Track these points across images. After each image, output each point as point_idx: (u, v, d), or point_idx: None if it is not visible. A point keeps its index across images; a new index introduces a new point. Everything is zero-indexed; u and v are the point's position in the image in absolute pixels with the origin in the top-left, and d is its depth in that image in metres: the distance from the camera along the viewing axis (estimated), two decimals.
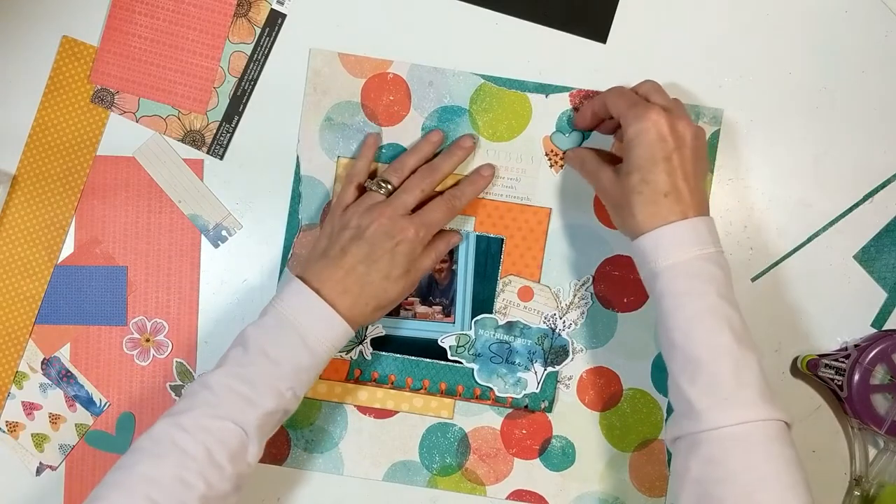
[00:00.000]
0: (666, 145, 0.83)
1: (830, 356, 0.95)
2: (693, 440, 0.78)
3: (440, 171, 0.93)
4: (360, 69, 0.97)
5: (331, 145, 0.98)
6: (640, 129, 0.83)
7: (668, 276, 0.81)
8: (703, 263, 0.81)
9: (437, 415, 0.99)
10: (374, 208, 0.89)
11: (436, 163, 0.94)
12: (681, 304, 0.80)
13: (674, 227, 0.81)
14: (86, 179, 0.97)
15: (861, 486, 0.97)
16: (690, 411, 0.78)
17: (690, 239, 0.81)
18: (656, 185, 0.82)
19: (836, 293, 0.98)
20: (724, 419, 0.76)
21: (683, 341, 0.80)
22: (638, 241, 0.83)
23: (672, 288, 0.81)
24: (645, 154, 0.83)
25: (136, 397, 0.99)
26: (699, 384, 0.78)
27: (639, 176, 0.83)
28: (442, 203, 0.92)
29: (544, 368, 0.98)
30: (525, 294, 0.98)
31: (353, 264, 0.87)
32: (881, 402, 0.94)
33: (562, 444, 0.99)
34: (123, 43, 0.97)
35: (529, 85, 0.97)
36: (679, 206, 0.82)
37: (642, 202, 0.82)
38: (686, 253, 0.81)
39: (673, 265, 0.81)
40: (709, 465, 0.76)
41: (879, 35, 0.98)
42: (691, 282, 0.80)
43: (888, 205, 0.98)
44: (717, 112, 0.97)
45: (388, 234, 0.87)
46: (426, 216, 0.90)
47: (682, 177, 0.82)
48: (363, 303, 0.87)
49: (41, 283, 0.98)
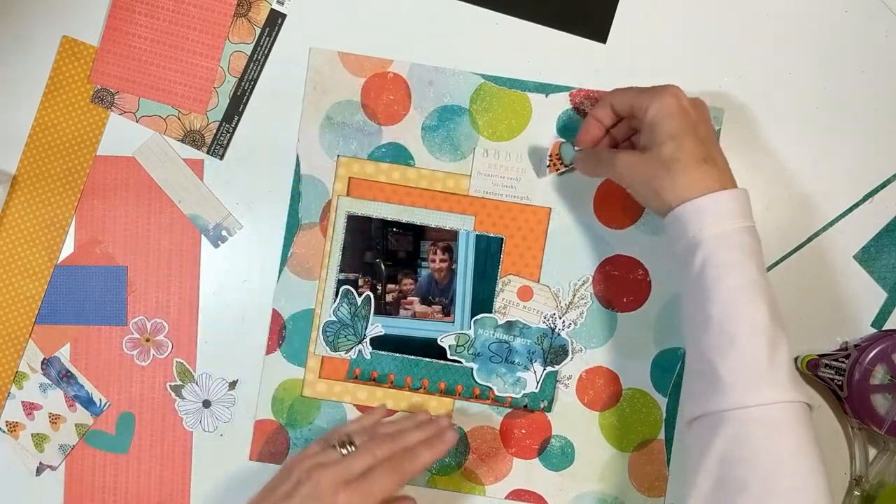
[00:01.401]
0: (690, 117, 0.82)
1: (830, 356, 0.95)
2: (718, 418, 0.76)
3: (405, 443, 0.87)
4: (360, 68, 0.97)
5: (331, 144, 0.98)
6: (662, 104, 0.83)
7: (712, 245, 0.79)
8: (745, 236, 0.79)
9: (437, 414, 0.99)
10: (319, 468, 0.83)
11: (405, 435, 0.89)
12: (723, 276, 0.78)
13: (717, 196, 0.79)
14: (86, 179, 0.97)
15: (861, 486, 0.97)
16: (719, 387, 0.76)
17: (735, 209, 0.79)
18: (694, 151, 0.81)
19: (836, 293, 0.98)
20: (755, 398, 0.75)
21: (721, 314, 0.77)
22: (680, 210, 0.81)
23: (716, 258, 0.78)
24: (674, 124, 0.82)
25: (136, 397, 0.99)
26: (732, 360, 0.76)
27: (674, 144, 0.81)
28: (390, 469, 0.84)
29: (544, 368, 0.98)
30: (524, 294, 0.98)
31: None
32: (881, 402, 0.93)
33: (561, 443, 0.99)
34: (123, 43, 0.97)
35: (529, 84, 0.97)
36: (717, 174, 0.80)
37: (681, 169, 0.80)
38: (731, 223, 0.79)
39: (718, 234, 0.79)
40: (733, 443, 0.75)
41: (879, 35, 0.98)
42: (736, 253, 0.78)
43: (888, 205, 0.98)
44: (717, 112, 0.97)
45: (318, 499, 0.81)
46: (369, 484, 0.82)
47: (713, 145, 0.82)
48: None
49: (41, 283, 0.98)
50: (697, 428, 0.79)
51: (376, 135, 0.98)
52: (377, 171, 0.98)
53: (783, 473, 0.74)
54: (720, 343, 0.77)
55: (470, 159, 0.97)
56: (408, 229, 0.98)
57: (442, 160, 0.97)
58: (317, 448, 0.87)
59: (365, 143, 0.98)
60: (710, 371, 0.78)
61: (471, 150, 0.97)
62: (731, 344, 0.77)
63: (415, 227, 0.98)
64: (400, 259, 0.98)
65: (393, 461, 0.84)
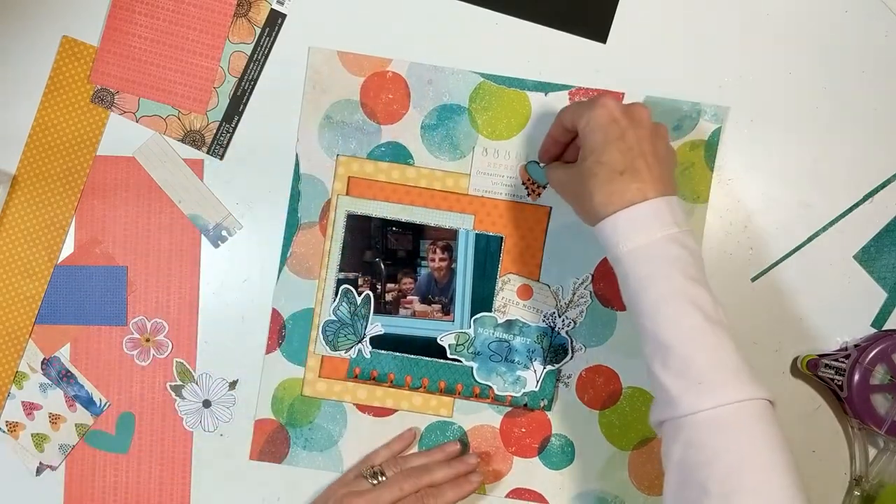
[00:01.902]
0: (618, 125, 0.80)
1: (830, 356, 0.95)
2: (674, 424, 0.76)
3: (431, 479, 0.92)
4: (360, 67, 0.97)
5: (330, 144, 0.98)
6: (591, 116, 0.81)
7: (630, 261, 0.78)
8: (665, 245, 0.77)
9: (437, 413, 0.99)
10: (352, 496, 0.90)
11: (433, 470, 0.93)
12: (644, 288, 0.77)
13: (631, 210, 0.78)
14: (86, 179, 0.97)
15: (861, 486, 0.97)
16: (667, 397, 0.76)
17: (650, 221, 0.78)
18: (611, 164, 0.79)
19: (836, 293, 0.98)
20: (699, 403, 0.74)
21: (652, 326, 0.77)
22: (598, 228, 0.80)
23: (635, 273, 0.78)
24: (598, 137, 0.80)
25: (136, 397, 0.99)
26: (672, 369, 0.76)
27: (593, 158, 0.80)
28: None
29: (543, 367, 0.98)
30: (524, 292, 0.98)
31: None
32: (881, 402, 0.93)
33: (561, 442, 0.99)
34: (123, 43, 0.97)
35: (529, 83, 0.97)
36: (636, 184, 0.78)
37: (598, 183, 0.79)
38: (647, 236, 0.78)
39: (634, 249, 0.78)
40: (690, 448, 0.74)
41: (879, 35, 0.98)
42: (653, 265, 0.77)
43: (888, 205, 0.98)
44: (719, 110, 0.97)
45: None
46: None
47: (639, 154, 0.80)
48: None
49: (41, 283, 0.98)
50: (662, 432, 0.79)
51: (376, 134, 0.98)
52: (376, 171, 0.98)
53: (741, 472, 0.72)
54: (657, 353, 0.77)
55: (469, 158, 0.97)
56: (407, 228, 0.98)
57: (441, 159, 0.98)
58: (351, 477, 0.95)
59: (364, 143, 0.98)
60: (656, 381, 0.78)
61: (470, 148, 0.97)
62: (667, 354, 0.76)
63: (414, 226, 0.98)
64: (399, 258, 0.98)
65: (419, 496, 0.90)
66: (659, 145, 0.82)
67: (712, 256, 0.97)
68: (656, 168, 0.80)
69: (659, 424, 0.80)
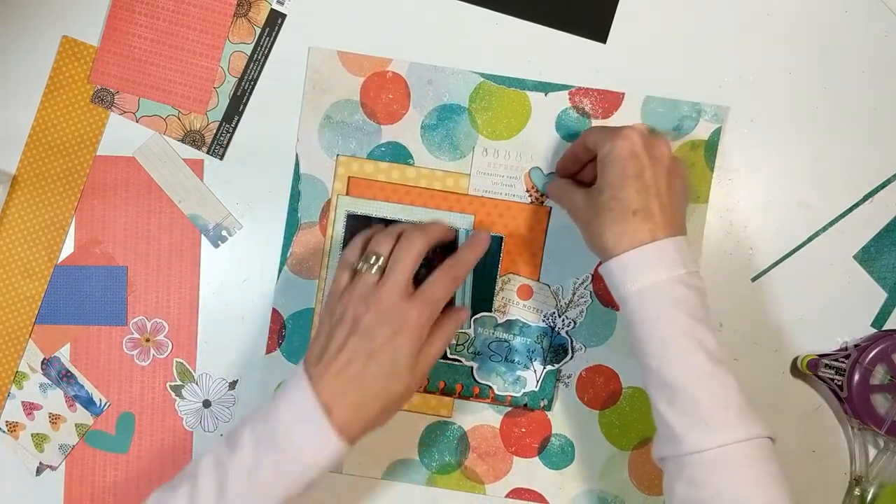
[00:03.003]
0: (638, 162, 0.81)
1: (830, 356, 0.95)
2: (677, 462, 0.78)
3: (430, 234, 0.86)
4: (360, 67, 0.97)
5: (330, 144, 0.98)
6: (612, 146, 0.82)
7: (636, 302, 0.80)
8: (671, 287, 0.79)
9: (437, 413, 0.99)
10: (370, 294, 0.81)
11: (424, 225, 0.87)
12: (650, 330, 0.79)
13: (640, 251, 0.79)
14: (86, 179, 0.97)
15: (861, 486, 0.97)
16: (672, 435, 0.78)
17: (657, 263, 0.79)
18: (626, 202, 0.80)
19: (836, 293, 0.98)
20: (704, 443, 0.76)
21: (658, 366, 0.79)
22: (605, 266, 0.82)
23: (641, 314, 0.80)
24: (616, 171, 0.81)
25: (136, 397, 0.99)
26: (677, 408, 0.77)
27: (609, 193, 0.81)
28: (444, 275, 0.83)
29: (543, 367, 0.98)
30: (524, 292, 0.98)
31: (350, 365, 0.79)
32: (881, 402, 0.93)
33: (561, 442, 0.99)
34: (123, 43, 0.97)
35: (529, 83, 0.97)
36: (647, 225, 0.80)
37: (610, 220, 0.81)
38: (653, 277, 0.79)
39: (640, 290, 0.79)
40: (692, 486, 0.76)
41: (879, 35, 0.98)
42: (659, 307, 0.79)
43: (888, 205, 0.98)
44: (719, 109, 0.97)
45: (386, 323, 0.79)
46: (429, 293, 0.82)
47: (655, 194, 0.81)
48: (366, 409, 0.79)
49: (41, 283, 0.98)
50: (664, 467, 0.81)
51: (375, 134, 0.98)
52: (376, 171, 0.98)
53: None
54: (663, 392, 0.79)
55: (469, 158, 0.97)
56: None
57: (441, 159, 0.97)
58: (345, 280, 0.84)
59: (364, 143, 0.98)
60: (660, 420, 0.79)
61: (470, 148, 0.97)
62: (673, 393, 0.78)
63: None
64: None
65: (445, 267, 0.84)
66: (675, 182, 0.83)
67: (712, 256, 0.97)
68: (669, 209, 0.81)
69: (661, 460, 0.81)
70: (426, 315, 0.81)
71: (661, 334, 0.79)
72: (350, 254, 0.86)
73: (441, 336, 0.83)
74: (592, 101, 0.97)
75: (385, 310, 0.79)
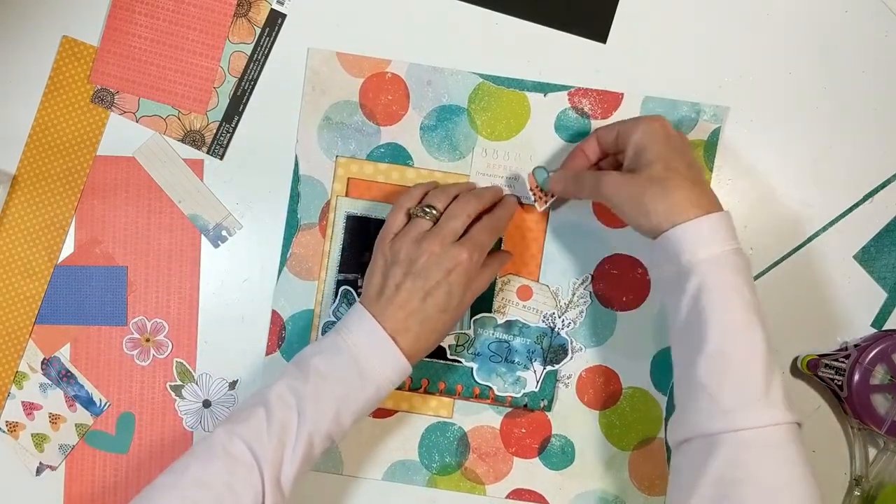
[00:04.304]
0: (676, 141, 0.83)
1: (830, 356, 0.95)
2: (712, 441, 0.76)
3: (483, 198, 0.91)
4: (359, 68, 0.97)
5: (329, 145, 0.98)
6: (648, 128, 0.83)
7: (708, 268, 0.78)
8: (737, 258, 0.79)
9: (437, 414, 0.99)
10: (424, 238, 0.87)
11: (478, 191, 0.92)
12: (719, 300, 0.77)
13: (709, 218, 0.78)
14: (86, 179, 0.97)
15: (861, 486, 0.97)
16: (715, 411, 0.76)
17: (728, 232, 0.79)
18: (682, 172, 0.80)
19: (836, 293, 0.98)
20: (752, 421, 0.75)
21: (719, 339, 0.77)
22: (671, 233, 0.79)
23: (713, 280, 0.77)
24: (662, 147, 0.82)
25: (136, 397, 0.99)
26: (729, 383, 0.76)
27: (662, 164, 0.81)
28: (488, 225, 0.89)
29: (543, 367, 0.98)
30: (524, 293, 0.98)
31: (410, 301, 0.85)
32: (881, 402, 0.93)
33: (561, 442, 0.99)
34: (123, 43, 0.97)
35: (528, 84, 0.97)
36: (706, 198, 0.80)
37: (673, 187, 0.79)
38: (724, 245, 0.78)
39: (711, 258, 0.78)
40: (730, 465, 0.75)
41: (879, 35, 0.98)
42: (731, 276, 0.78)
43: (888, 205, 0.98)
44: (718, 109, 0.97)
45: (440, 264, 0.85)
46: (477, 239, 0.88)
47: (699, 170, 0.83)
48: (424, 338, 0.86)
49: (41, 283, 0.98)
50: (688, 450, 0.79)
51: (375, 135, 0.98)
52: (376, 172, 0.98)
53: (781, 491, 0.74)
54: (717, 367, 0.77)
55: (469, 159, 0.97)
56: None
57: (441, 160, 0.98)
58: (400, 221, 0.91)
59: (363, 144, 0.98)
60: (704, 395, 0.77)
61: (469, 149, 0.97)
62: (730, 369, 0.76)
63: None
64: None
65: (488, 219, 0.90)
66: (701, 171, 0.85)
67: None
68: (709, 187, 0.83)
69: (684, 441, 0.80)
70: (476, 256, 0.87)
71: (730, 305, 0.77)
72: (407, 200, 0.91)
73: (488, 272, 0.90)
74: (591, 101, 0.97)
75: (439, 252, 0.86)
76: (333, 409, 0.83)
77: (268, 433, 0.81)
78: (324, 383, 0.83)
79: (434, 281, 0.85)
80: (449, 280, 0.86)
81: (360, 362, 0.84)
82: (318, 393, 0.83)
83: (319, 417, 0.82)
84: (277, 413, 0.82)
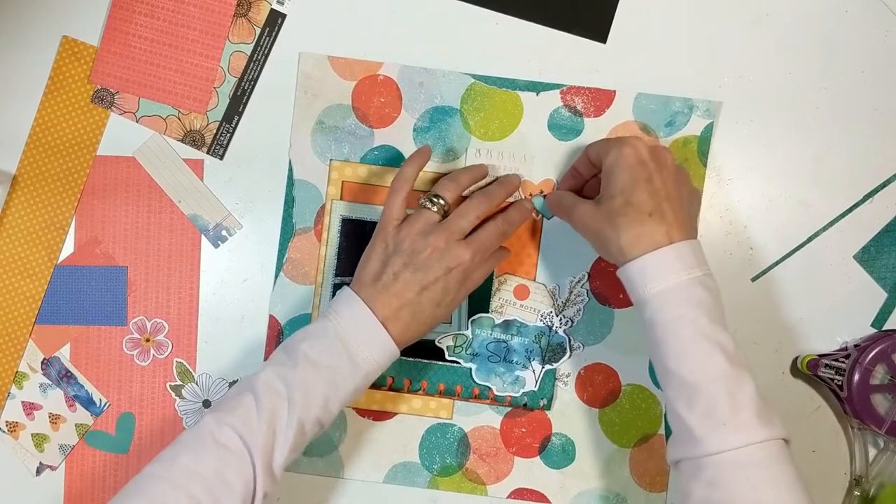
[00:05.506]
0: (646, 167, 0.83)
1: (830, 356, 0.95)
2: (695, 464, 0.78)
3: (495, 199, 0.92)
4: (351, 72, 0.97)
5: (323, 149, 0.98)
6: (619, 153, 0.84)
7: (657, 304, 0.80)
8: (690, 288, 0.80)
9: (437, 415, 0.99)
10: (430, 232, 0.87)
11: (491, 190, 0.92)
12: (671, 332, 0.80)
13: (659, 253, 0.80)
14: (86, 179, 0.98)
15: (861, 486, 0.97)
16: (690, 437, 0.78)
17: (676, 264, 0.80)
18: (640, 205, 0.81)
19: (836, 293, 0.98)
20: (723, 444, 0.76)
21: (677, 368, 0.79)
22: (624, 269, 0.83)
23: (661, 315, 0.80)
24: (626, 177, 0.83)
25: (136, 397, 0.99)
26: (697, 410, 0.78)
27: (622, 198, 0.82)
28: (496, 228, 0.90)
29: (542, 366, 0.98)
30: (521, 292, 0.98)
31: (405, 292, 0.86)
32: (881, 402, 0.93)
33: (561, 441, 0.99)
34: (123, 43, 0.97)
35: (520, 83, 0.97)
36: (663, 227, 0.81)
37: (627, 224, 0.82)
38: (673, 279, 0.80)
39: (661, 291, 0.80)
40: (711, 488, 0.76)
41: (879, 35, 0.98)
42: (680, 308, 0.79)
43: (888, 205, 0.98)
44: (710, 105, 0.97)
45: (442, 261, 0.86)
46: (482, 241, 0.89)
47: (665, 197, 0.82)
48: (414, 328, 0.87)
49: (41, 283, 0.98)
50: (680, 470, 0.81)
51: (368, 138, 0.98)
52: (370, 174, 0.98)
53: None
54: (682, 394, 0.79)
55: (463, 159, 0.98)
56: None
57: (435, 161, 0.98)
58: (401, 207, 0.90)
59: (357, 147, 0.98)
60: (679, 420, 0.79)
61: (463, 150, 0.98)
62: (693, 395, 0.78)
63: None
64: None
65: (498, 221, 0.91)
66: (683, 189, 0.85)
67: (712, 256, 0.97)
68: (680, 212, 0.83)
69: (676, 463, 0.81)
70: (478, 258, 0.88)
71: (681, 335, 0.79)
72: (403, 184, 0.91)
73: (484, 268, 0.91)
74: (584, 99, 0.97)
75: (443, 249, 0.87)
76: (323, 396, 0.83)
77: (258, 421, 0.81)
78: (313, 370, 0.83)
79: (433, 276, 0.86)
80: (447, 277, 0.86)
81: (350, 348, 0.84)
82: (307, 380, 0.83)
83: (309, 404, 0.82)
84: (266, 401, 0.82)
